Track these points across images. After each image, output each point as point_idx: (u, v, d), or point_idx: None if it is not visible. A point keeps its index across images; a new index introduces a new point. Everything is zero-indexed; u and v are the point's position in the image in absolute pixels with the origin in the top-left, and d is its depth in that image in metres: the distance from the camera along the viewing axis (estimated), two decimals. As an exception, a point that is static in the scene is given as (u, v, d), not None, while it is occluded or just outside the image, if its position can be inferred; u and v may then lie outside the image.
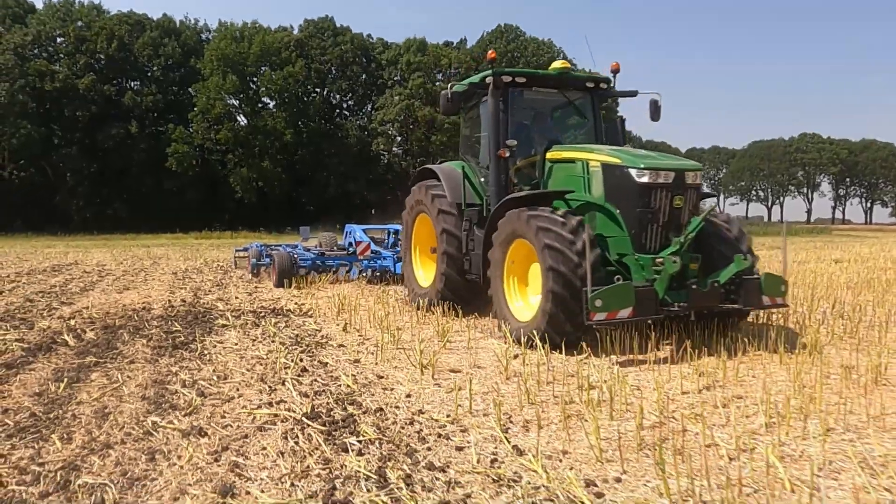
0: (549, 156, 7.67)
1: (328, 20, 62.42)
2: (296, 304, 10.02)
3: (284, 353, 6.35)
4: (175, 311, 9.27)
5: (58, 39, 56.12)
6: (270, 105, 58.20)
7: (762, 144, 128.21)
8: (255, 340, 7.17)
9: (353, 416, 4.39)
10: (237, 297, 10.95)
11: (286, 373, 5.59)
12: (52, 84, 51.87)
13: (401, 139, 59.32)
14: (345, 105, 64.44)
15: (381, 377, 5.58)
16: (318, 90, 61.98)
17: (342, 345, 6.99)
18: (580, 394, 4.83)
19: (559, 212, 6.50)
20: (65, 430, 4.11)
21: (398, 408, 4.67)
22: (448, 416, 4.43)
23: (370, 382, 5.39)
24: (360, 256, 13.21)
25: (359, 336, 7.50)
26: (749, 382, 5.19)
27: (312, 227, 19.44)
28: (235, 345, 6.94)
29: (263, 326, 7.99)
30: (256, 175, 54.51)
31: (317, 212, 48.23)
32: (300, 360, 6.11)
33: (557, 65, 8.28)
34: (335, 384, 5.31)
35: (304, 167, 57.62)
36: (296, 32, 61.86)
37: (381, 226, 15.80)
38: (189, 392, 4.99)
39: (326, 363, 6.08)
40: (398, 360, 6.19)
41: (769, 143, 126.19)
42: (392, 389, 5.19)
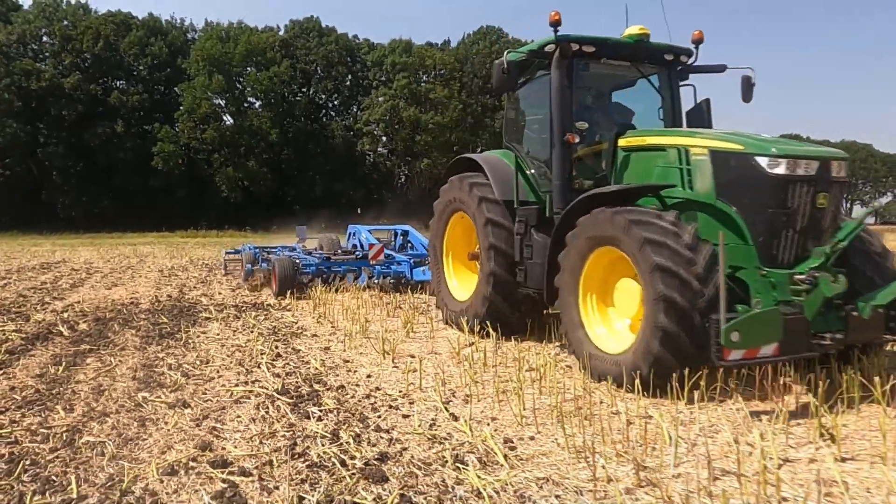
0: (624, 142, 6.34)
1: (313, 21, 62.89)
2: (276, 300, 10.67)
3: (262, 342, 7.02)
4: (161, 306, 9.90)
5: (43, 38, 56.26)
6: (256, 105, 58.66)
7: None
8: (236, 331, 7.83)
9: (318, 392, 5.08)
10: (220, 294, 11.59)
11: (262, 358, 6.26)
12: (38, 83, 52.04)
13: (386, 139, 59.90)
14: (330, 105, 64.95)
15: (347, 361, 6.27)
16: (304, 90, 62.46)
17: (315, 335, 7.66)
18: (519, 374, 5.52)
19: (668, 215, 5.10)
20: (66, 403, 4.76)
21: (358, 386, 5.36)
22: (400, 392, 5.12)
23: (336, 366, 6.08)
24: (373, 262, 11.60)
25: (331, 327, 8.17)
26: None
27: (309, 228, 18.05)
28: (217, 335, 7.59)
29: (244, 319, 8.64)
30: (242, 174, 54.96)
31: (303, 211, 48.74)
32: (275, 348, 6.79)
33: (634, 30, 6.64)
34: (305, 367, 5.99)
35: (290, 167, 58.12)
36: (281, 33, 62.30)
37: (387, 226, 14.61)
38: (174, 374, 5.65)
39: (299, 350, 6.76)
40: (364, 348, 6.88)
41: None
42: (355, 371, 5.88)
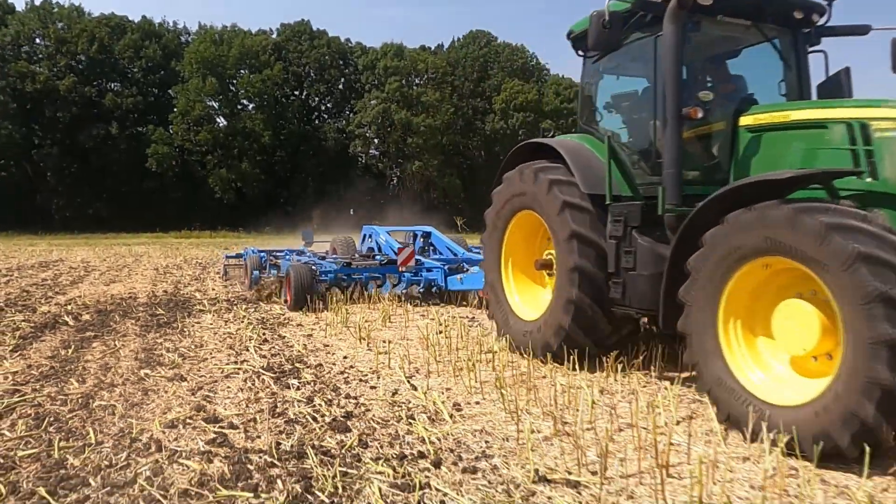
0: (748, 120, 5.10)
1: (304, 24, 63.58)
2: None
3: (251, 329, 7.74)
4: (158, 300, 10.60)
5: (37, 40, 56.77)
6: (249, 107, 59.32)
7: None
8: (227, 321, 8.54)
9: (298, 369, 5.81)
10: (213, 290, 12.29)
11: (250, 343, 6.98)
12: (33, 85, 52.55)
13: (378, 141, 60.63)
14: (323, 108, 65.64)
15: (327, 346, 7.00)
16: (297, 93, 63.16)
17: (300, 324, 8.39)
18: (478, 356, 6.26)
19: (874, 216, 3.84)
20: (79, 377, 5.47)
21: (334, 364, 6.09)
22: (371, 369, 5.85)
23: (317, 349, 6.81)
24: (402, 268, 10.05)
25: (316, 318, 8.89)
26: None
27: (295, 228, 15.96)
28: (210, 324, 8.30)
29: (235, 311, 9.35)
30: (235, 176, 55.60)
31: (296, 212, 49.43)
32: (263, 335, 7.51)
33: None
34: (289, 350, 6.71)
35: (283, 168, 58.81)
36: (274, 36, 62.98)
37: (406, 227, 13.31)
38: (172, 355, 6.36)
39: (284, 336, 7.48)
40: (343, 335, 7.60)
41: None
42: (333, 353, 6.61)
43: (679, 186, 4.93)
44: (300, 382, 5.34)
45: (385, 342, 7.13)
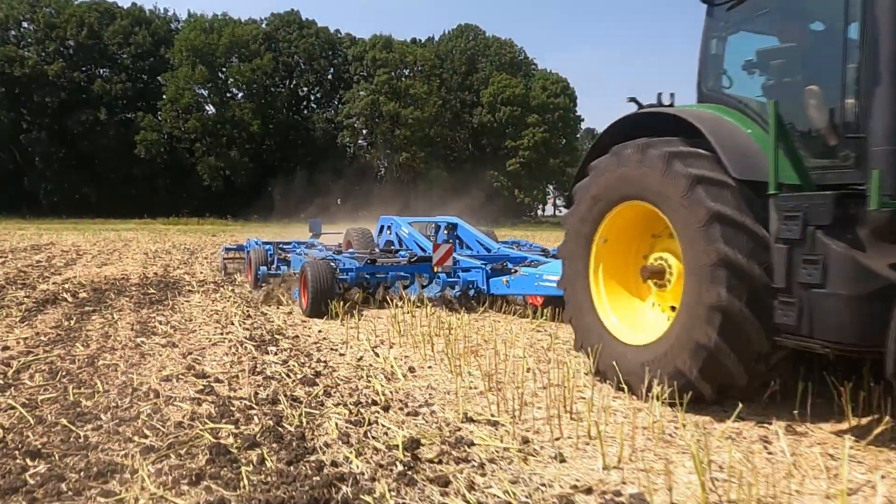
0: None
1: (294, 14, 63.92)
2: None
3: (236, 307, 8.50)
4: (149, 281, 11.33)
5: (25, 24, 56.81)
6: (239, 96, 59.72)
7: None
8: (215, 300, 9.29)
9: (277, 339, 6.59)
10: (201, 273, 13.02)
11: (235, 318, 7.74)
12: (22, 70, 52.73)
13: (366, 132, 61.24)
14: (312, 98, 66.14)
15: (305, 321, 7.78)
16: (286, 83, 63.59)
17: (281, 303, 9.15)
18: (438, 331, 7.05)
19: None
20: (83, 342, 6.22)
21: (310, 336, 6.88)
22: (342, 341, 6.64)
23: (295, 324, 7.59)
24: (437, 267, 8.62)
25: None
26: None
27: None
28: (199, 303, 9.05)
29: (222, 292, 10.10)
30: (224, 164, 56.08)
31: (283, 201, 49.99)
32: (247, 311, 8.28)
33: None
34: (270, 324, 7.49)
35: (271, 157, 59.32)
36: (264, 26, 63.29)
37: (428, 218, 12.00)
38: (165, 327, 7.12)
39: (266, 314, 8.26)
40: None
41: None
42: (310, 328, 7.40)
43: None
44: (278, 349, 6.12)
45: (359, 321, 7.91)
